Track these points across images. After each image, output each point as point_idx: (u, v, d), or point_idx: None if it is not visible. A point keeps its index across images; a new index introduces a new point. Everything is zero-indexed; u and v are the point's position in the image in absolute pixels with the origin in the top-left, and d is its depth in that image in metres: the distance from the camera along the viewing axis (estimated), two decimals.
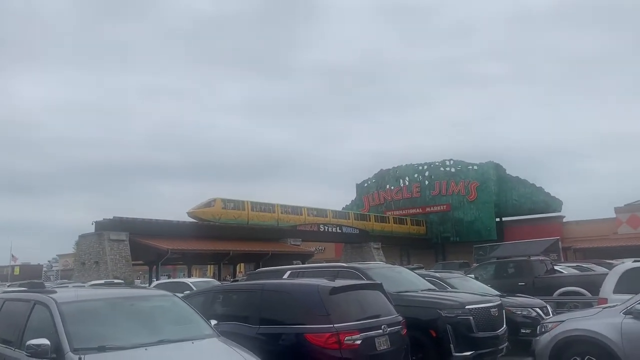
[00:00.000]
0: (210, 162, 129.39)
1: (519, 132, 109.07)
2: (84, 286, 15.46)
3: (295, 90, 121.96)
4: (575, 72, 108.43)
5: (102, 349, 4.82)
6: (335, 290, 6.53)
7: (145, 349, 4.97)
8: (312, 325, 6.23)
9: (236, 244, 36.23)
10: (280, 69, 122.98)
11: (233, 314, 7.26)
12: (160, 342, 5.20)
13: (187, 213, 36.61)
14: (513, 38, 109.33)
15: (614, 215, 45.96)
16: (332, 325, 6.14)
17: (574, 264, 21.04)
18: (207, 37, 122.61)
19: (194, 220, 36.16)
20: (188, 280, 20.89)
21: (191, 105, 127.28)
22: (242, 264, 45.56)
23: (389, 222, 50.92)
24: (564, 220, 49.80)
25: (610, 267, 19.41)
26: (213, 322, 6.12)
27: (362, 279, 8.79)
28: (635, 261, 9.05)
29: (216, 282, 20.24)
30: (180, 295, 7.38)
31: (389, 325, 6.67)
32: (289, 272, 10.02)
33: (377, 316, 6.71)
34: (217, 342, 5.57)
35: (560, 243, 34.95)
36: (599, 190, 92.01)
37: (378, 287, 7.33)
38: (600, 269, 18.88)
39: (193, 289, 14.44)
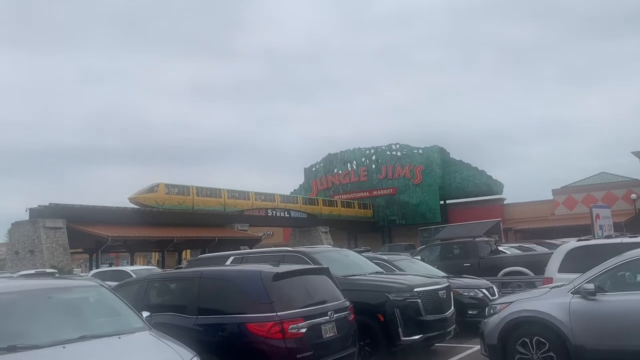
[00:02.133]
0: (154, 147, 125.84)
1: (461, 117, 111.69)
2: (12, 277, 14.41)
3: (240, 74, 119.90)
4: (511, 60, 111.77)
5: (12, 348, 4.25)
6: (278, 276, 6.15)
7: (64, 347, 4.43)
8: (254, 314, 5.83)
9: (181, 230, 35.30)
10: (224, 52, 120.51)
11: (169, 304, 6.77)
12: (82, 338, 4.66)
13: (129, 199, 35.33)
14: (452, 26, 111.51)
15: (551, 197, 47.74)
16: (275, 314, 5.76)
17: (516, 245, 21.54)
18: (148, 18, 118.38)
19: (136, 207, 34.92)
20: (128, 269, 20.10)
21: (132, 88, 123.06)
22: (188, 251, 44.50)
23: (337, 206, 51.01)
24: (505, 202, 51.33)
25: (549, 246, 20.01)
26: (145, 314, 5.61)
27: (309, 263, 8.45)
28: (579, 240, 9.13)
29: (158, 270, 19.52)
30: (112, 284, 6.80)
31: (336, 311, 6.36)
32: (232, 258, 9.57)
33: (323, 302, 6.39)
34: (148, 336, 5.08)
35: (501, 224, 35.97)
36: (537, 173, 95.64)
37: (324, 271, 7.00)
38: (541, 249, 19.39)
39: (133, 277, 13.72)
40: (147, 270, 18.52)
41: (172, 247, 37.08)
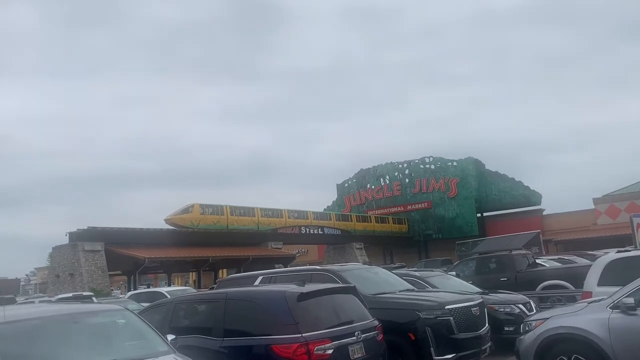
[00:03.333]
0: (187, 169, 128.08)
1: (495, 128, 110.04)
2: (51, 300, 14.75)
3: (269, 95, 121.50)
4: (542, 68, 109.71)
5: None
6: (303, 296, 6.05)
7: None
8: (279, 335, 5.74)
9: (216, 250, 35.58)
10: (252, 74, 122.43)
11: (196, 327, 6.73)
12: None
13: (165, 220, 35.89)
14: (479, 37, 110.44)
15: (592, 207, 46.25)
16: (300, 335, 5.65)
17: (556, 257, 20.85)
18: (177, 44, 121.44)
19: (172, 228, 35.43)
20: (164, 290, 20.28)
21: (165, 112, 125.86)
22: (225, 270, 44.83)
23: (371, 222, 50.62)
24: (544, 213, 50.01)
25: (591, 258, 19.28)
26: (171, 336, 5.59)
27: (337, 281, 8.31)
28: (618, 251, 8.72)
29: (193, 291, 19.63)
30: (136, 308, 6.82)
31: (364, 331, 6.21)
32: (260, 278, 9.51)
33: (351, 322, 6.24)
34: (173, 359, 5.04)
35: (541, 236, 34.95)
36: (576, 183, 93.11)
37: (351, 290, 6.86)
38: (582, 261, 18.70)
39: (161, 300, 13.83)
40: (182, 291, 18.69)
41: (207, 266, 37.37)
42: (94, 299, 16.78)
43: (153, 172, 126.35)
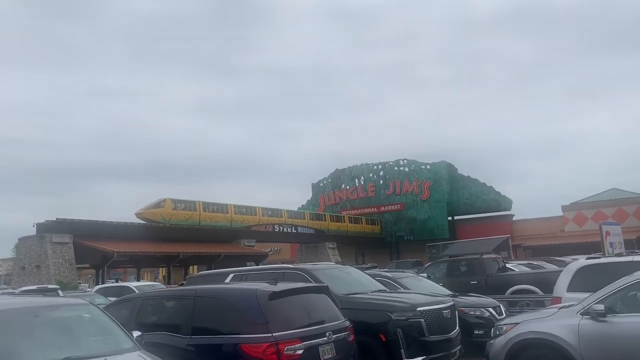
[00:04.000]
0: (161, 163, 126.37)
1: (468, 133, 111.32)
2: (14, 292, 14.30)
3: (247, 91, 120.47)
4: (517, 75, 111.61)
5: None
6: (275, 295, 5.94)
7: None
8: (249, 334, 5.62)
9: (187, 246, 35.14)
10: (230, 70, 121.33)
11: (163, 324, 6.56)
12: (67, 359, 4.48)
13: (135, 214, 35.27)
14: (458, 43, 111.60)
15: (560, 214, 47.17)
16: (270, 334, 5.55)
17: (525, 262, 21.15)
18: (156, 37, 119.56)
19: (143, 222, 34.85)
20: (132, 285, 19.96)
21: (140, 105, 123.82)
22: (195, 267, 44.32)
23: (345, 222, 50.70)
24: (514, 218, 50.81)
25: (559, 264, 19.62)
26: (136, 333, 5.43)
27: (309, 280, 8.22)
28: (588, 258, 8.84)
29: (162, 286, 19.35)
30: (103, 302, 6.61)
31: (335, 332, 6.14)
32: (231, 276, 9.36)
33: (322, 322, 6.17)
34: (136, 357, 4.88)
35: (510, 241, 35.51)
36: (546, 190, 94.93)
37: (324, 289, 6.79)
38: (550, 267, 19.01)
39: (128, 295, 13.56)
40: (151, 287, 18.39)
41: (178, 262, 36.89)
42: (59, 292, 16.35)
43: (126, 165, 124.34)
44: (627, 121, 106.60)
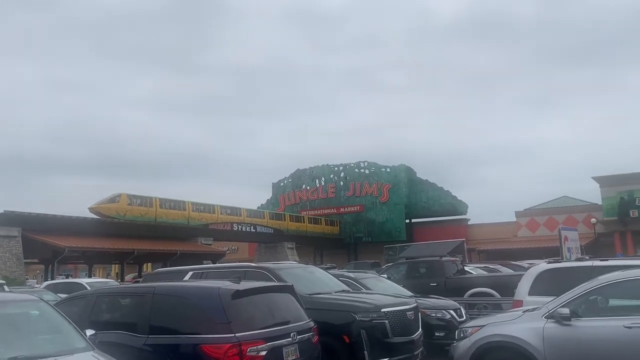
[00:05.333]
0: (118, 158, 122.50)
1: (427, 138, 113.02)
2: None
3: (208, 89, 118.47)
4: (475, 84, 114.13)
5: None
6: (238, 294, 5.72)
7: None
8: (210, 334, 5.38)
9: (142, 243, 34.24)
10: (192, 67, 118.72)
11: (119, 322, 6.23)
12: (13, 359, 4.15)
13: (89, 209, 34.17)
14: (416, 50, 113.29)
15: (514, 219, 48.38)
16: (233, 335, 5.32)
17: (482, 265, 21.49)
18: (115, 31, 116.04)
19: (97, 217, 33.78)
20: (84, 281, 19.32)
21: (97, 99, 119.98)
22: (149, 264, 43.30)
23: (304, 222, 50.57)
24: (469, 222, 51.84)
25: (515, 268, 20.03)
26: (90, 332, 5.11)
27: (272, 280, 8.02)
28: (549, 262, 8.97)
29: (115, 283, 18.73)
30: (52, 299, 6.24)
31: (299, 333, 5.96)
32: (191, 273, 9.05)
33: (286, 322, 5.97)
34: (89, 357, 4.58)
35: (465, 244, 36.04)
36: (501, 196, 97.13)
37: (288, 289, 6.59)
38: (506, 270, 19.36)
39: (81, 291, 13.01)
40: (104, 284, 17.78)
41: (132, 259, 35.90)
42: (5, 287, 15.55)
43: (81, 158, 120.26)
44: (579, 131, 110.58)
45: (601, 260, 8.47)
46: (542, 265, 8.81)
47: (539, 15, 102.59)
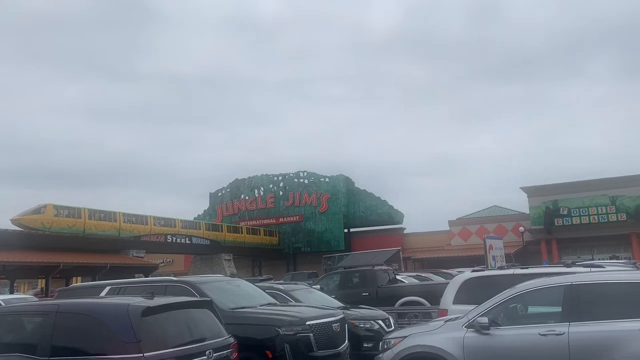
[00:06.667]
0: (45, 167, 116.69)
1: (365, 148, 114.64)
2: None
3: (144, 97, 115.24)
4: (410, 97, 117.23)
5: None
6: (149, 311, 5.39)
7: None
8: (117, 354, 5.03)
9: (69, 256, 32.54)
10: (127, 74, 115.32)
11: (18, 343, 5.75)
12: None
13: (11, 220, 32.24)
14: (352, 63, 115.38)
15: (447, 228, 49.68)
16: (142, 355, 4.99)
17: (414, 274, 21.80)
18: (41, 35, 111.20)
19: (20, 229, 31.91)
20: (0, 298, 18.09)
21: (23, 105, 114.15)
22: (78, 278, 41.28)
23: (242, 233, 49.84)
24: (405, 232, 52.76)
25: (446, 276, 20.42)
26: None
27: (194, 294, 7.71)
28: (473, 271, 9.11)
29: (34, 299, 17.64)
30: None
31: (216, 350, 5.69)
32: (108, 289, 8.58)
33: (202, 340, 5.69)
34: None
35: (401, 253, 36.68)
36: (435, 205, 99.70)
37: (206, 304, 6.32)
38: (437, 279, 19.71)
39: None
40: (21, 300, 16.72)
41: (58, 274, 34.04)
42: None
43: (4, 167, 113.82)
44: (508, 145, 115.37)
45: (522, 268, 8.68)
46: (466, 273, 8.93)
47: (467, 34, 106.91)
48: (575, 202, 43.06)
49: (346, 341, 8.21)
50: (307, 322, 7.53)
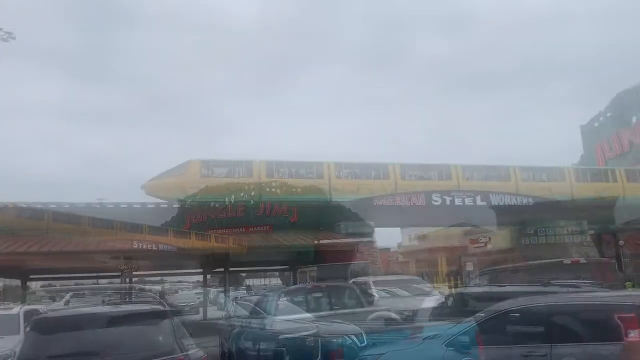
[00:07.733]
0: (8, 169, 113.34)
1: (338, 158, 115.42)
2: None
3: (111, 98, 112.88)
4: (373, 107, 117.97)
5: None
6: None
7: None
8: None
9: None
10: (92, 74, 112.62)
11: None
12: None
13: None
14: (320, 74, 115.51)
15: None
16: None
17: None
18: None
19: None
20: None
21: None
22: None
23: (211, 241, 48.90)
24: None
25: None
26: None
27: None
28: None
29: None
30: None
31: None
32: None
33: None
34: None
35: None
36: None
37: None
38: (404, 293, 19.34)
39: None
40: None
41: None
42: None
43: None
44: None
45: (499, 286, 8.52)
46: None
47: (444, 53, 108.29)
48: None
49: (319, 356, 7.87)
50: (280, 337, 7.19)
